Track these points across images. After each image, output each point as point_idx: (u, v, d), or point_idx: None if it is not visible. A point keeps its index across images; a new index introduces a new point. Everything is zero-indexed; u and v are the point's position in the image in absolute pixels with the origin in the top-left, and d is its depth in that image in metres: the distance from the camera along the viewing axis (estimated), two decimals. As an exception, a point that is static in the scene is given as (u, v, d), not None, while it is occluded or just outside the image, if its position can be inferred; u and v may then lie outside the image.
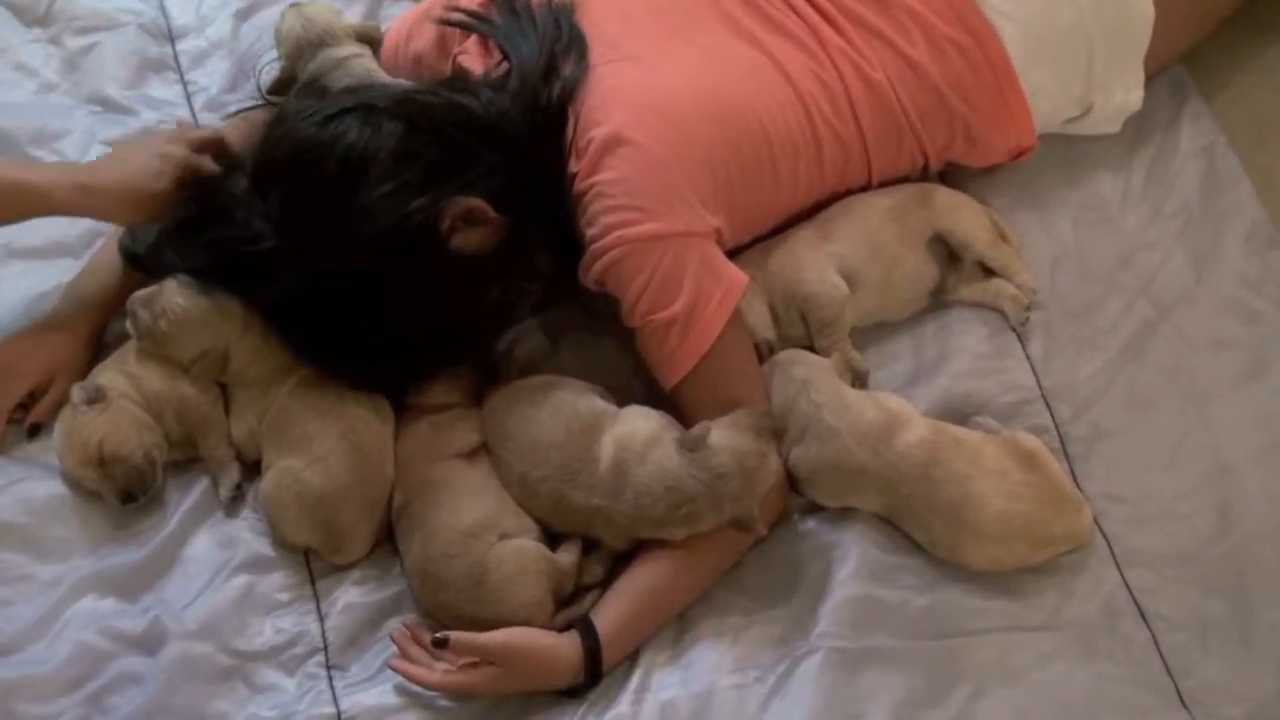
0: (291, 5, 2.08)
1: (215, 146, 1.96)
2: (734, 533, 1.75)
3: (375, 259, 1.72)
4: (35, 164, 2.11)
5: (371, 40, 2.08)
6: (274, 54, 2.15)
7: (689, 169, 1.78)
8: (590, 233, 1.77)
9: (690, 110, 1.81)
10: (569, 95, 1.81)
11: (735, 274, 1.80)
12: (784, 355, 1.88)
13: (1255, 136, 2.17)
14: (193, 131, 2.03)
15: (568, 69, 1.83)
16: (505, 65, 1.85)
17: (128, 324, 1.86)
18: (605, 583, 1.78)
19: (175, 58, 2.28)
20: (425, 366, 1.87)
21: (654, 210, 1.74)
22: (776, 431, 1.72)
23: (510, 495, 1.79)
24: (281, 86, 2.08)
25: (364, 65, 2.02)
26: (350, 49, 2.03)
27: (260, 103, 2.11)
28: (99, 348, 1.96)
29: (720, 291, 1.77)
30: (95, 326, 1.96)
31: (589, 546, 1.79)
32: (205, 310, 1.83)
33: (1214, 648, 1.77)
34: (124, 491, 1.82)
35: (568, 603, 1.76)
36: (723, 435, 1.70)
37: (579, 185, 1.78)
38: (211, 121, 2.16)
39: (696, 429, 1.71)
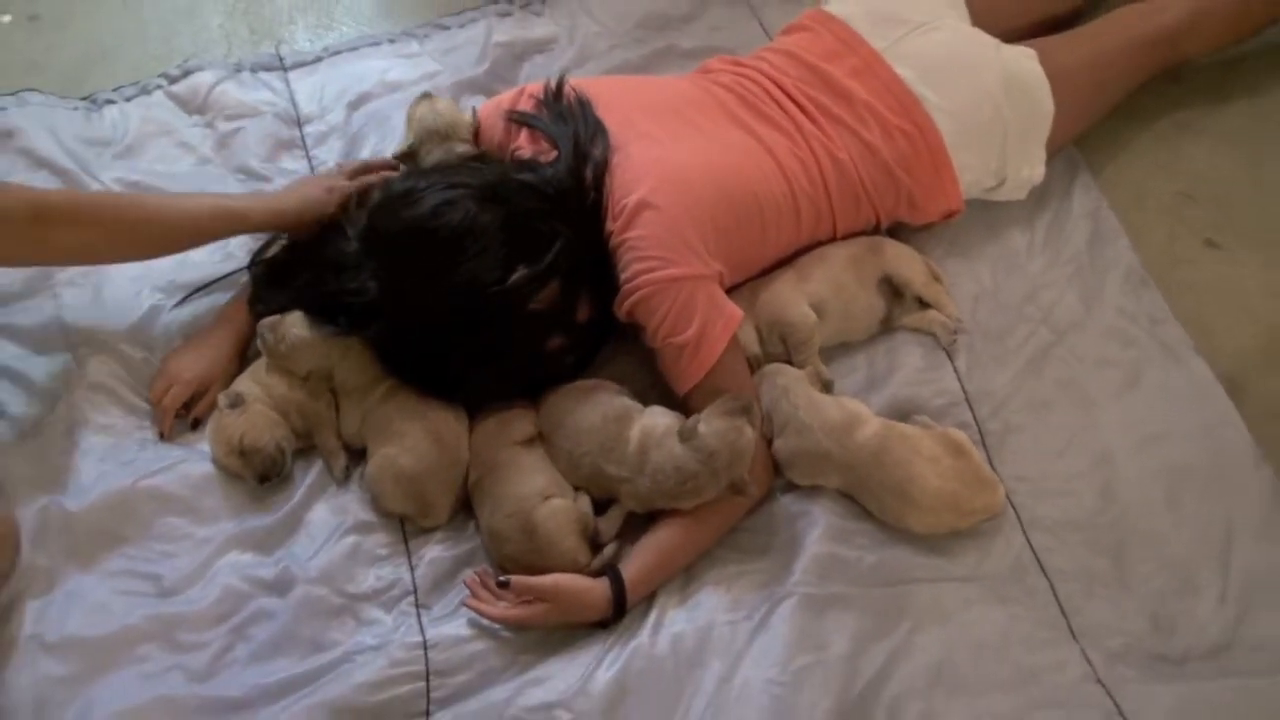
0: (424, 95, 2.05)
1: (372, 169, 2.04)
2: (731, 504, 1.77)
3: (462, 316, 1.74)
4: (234, 194, 2.14)
5: (478, 134, 2.04)
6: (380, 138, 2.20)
7: (699, 227, 1.80)
8: (623, 276, 1.79)
9: (700, 182, 1.82)
10: (602, 171, 1.84)
11: (734, 309, 1.81)
12: (769, 368, 1.89)
13: (1130, 202, 2.19)
14: (350, 164, 2.08)
15: (597, 151, 1.85)
16: (555, 153, 1.87)
17: (258, 343, 1.90)
18: (622, 536, 1.80)
19: (302, 138, 2.30)
20: (498, 395, 1.88)
21: (672, 259, 1.76)
22: (746, 408, 1.71)
23: (558, 470, 1.81)
24: (403, 158, 2.03)
25: None
26: (464, 147, 2.00)
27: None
28: (242, 362, 1.98)
29: (722, 322, 1.78)
30: (240, 345, 1.98)
31: (608, 505, 1.82)
32: (315, 338, 1.86)
33: (1098, 594, 1.79)
34: (260, 475, 1.85)
35: (596, 551, 1.78)
36: (705, 424, 1.71)
37: (614, 240, 1.80)
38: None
39: (688, 422, 1.73)
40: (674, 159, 1.85)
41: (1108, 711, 1.67)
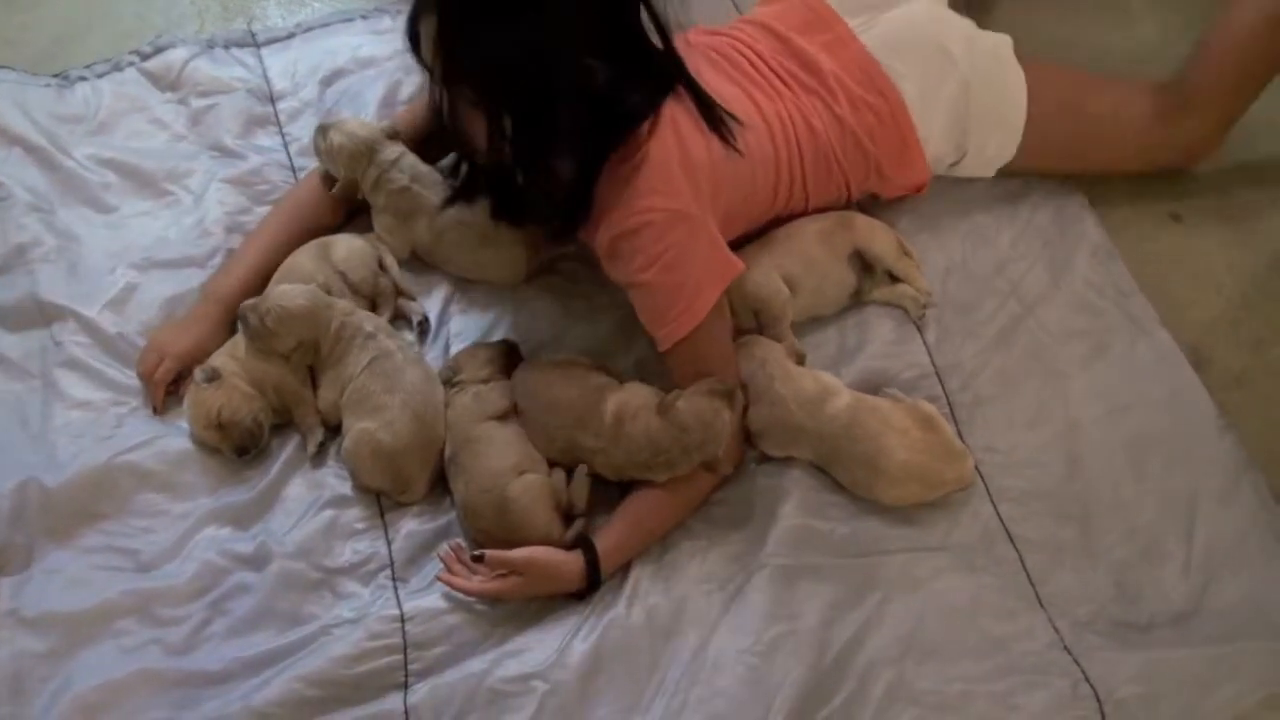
0: (324, 126, 2.02)
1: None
2: (704, 478, 1.77)
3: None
4: None
5: (396, 134, 2.03)
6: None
7: (702, 176, 1.74)
8: (626, 198, 1.70)
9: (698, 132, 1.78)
10: None
11: (735, 259, 1.79)
12: (747, 339, 1.87)
13: (1097, 177, 2.17)
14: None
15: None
16: None
17: (239, 326, 1.87)
18: (593, 509, 1.80)
19: (276, 115, 2.26)
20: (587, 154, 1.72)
21: (679, 195, 1.71)
22: (729, 393, 1.72)
23: (533, 442, 1.80)
24: (348, 191, 2.03)
25: (411, 160, 2.01)
26: (394, 149, 2.01)
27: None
28: (230, 336, 1.93)
29: (720, 267, 1.77)
30: (226, 321, 1.94)
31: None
32: (303, 309, 1.85)
33: (1065, 563, 1.80)
34: (238, 448, 1.84)
35: (568, 523, 1.78)
36: (685, 401, 1.71)
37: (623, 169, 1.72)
38: (305, 162, 2.16)
39: (668, 397, 1.72)
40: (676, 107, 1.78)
41: (1074, 678, 1.68)
